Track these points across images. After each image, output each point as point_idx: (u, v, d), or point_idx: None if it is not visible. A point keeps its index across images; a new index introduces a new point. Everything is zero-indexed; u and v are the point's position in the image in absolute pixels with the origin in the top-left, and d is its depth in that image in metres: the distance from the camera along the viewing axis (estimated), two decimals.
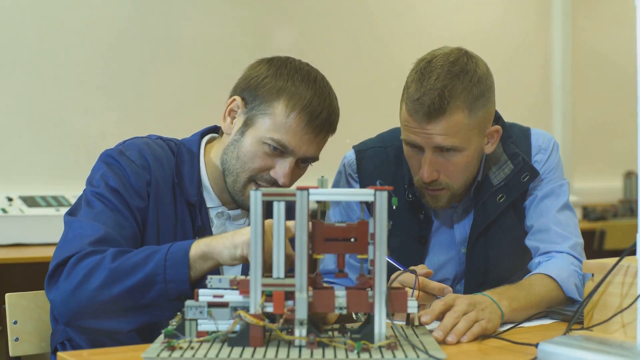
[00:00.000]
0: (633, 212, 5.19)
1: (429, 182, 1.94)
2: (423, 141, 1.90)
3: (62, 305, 1.57)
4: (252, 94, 1.79)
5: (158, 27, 3.90)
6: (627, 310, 1.48)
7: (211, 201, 1.84)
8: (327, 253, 1.36)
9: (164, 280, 1.52)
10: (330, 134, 1.81)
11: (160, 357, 1.26)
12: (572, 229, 2.05)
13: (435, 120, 1.87)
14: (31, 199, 3.36)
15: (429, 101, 1.85)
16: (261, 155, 1.76)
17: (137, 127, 3.75)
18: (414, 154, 1.96)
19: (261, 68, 1.81)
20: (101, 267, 1.54)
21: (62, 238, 1.67)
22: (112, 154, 1.75)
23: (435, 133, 1.88)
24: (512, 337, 1.51)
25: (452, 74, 1.88)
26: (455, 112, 1.87)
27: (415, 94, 1.87)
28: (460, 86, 1.88)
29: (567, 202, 2.08)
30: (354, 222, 1.36)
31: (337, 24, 4.50)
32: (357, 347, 1.29)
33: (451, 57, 1.92)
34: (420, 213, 2.06)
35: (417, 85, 1.88)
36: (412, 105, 1.88)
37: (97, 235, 1.61)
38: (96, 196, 1.69)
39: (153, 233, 1.73)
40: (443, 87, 1.86)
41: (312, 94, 1.75)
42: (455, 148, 1.91)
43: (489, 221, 2.05)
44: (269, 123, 1.75)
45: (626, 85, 3.26)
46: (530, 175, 2.05)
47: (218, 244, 1.53)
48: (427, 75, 1.88)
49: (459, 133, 1.89)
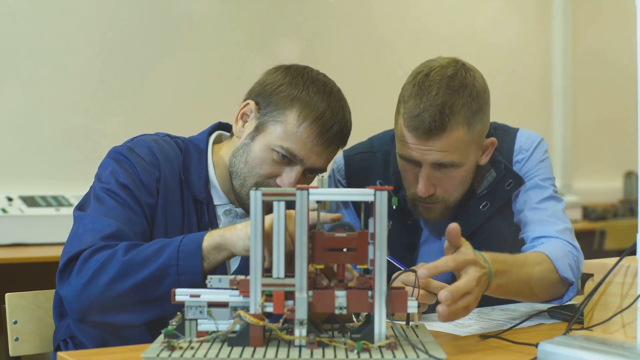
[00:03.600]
0: (633, 212, 5.18)
1: (424, 197, 1.92)
2: (421, 157, 1.87)
3: (74, 300, 1.57)
4: (266, 100, 1.78)
5: (158, 26, 3.90)
6: (627, 310, 1.48)
7: (219, 199, 1.84)
8: (327, 263, 1.35)
9: (177, 272, 1.52)
10: (341, 147, 1.80)
11: (160, 357, 1.26)
12: (559, 215, 2.01)
13: (435, 137, 1.83)
14: (31, 199, 3.36)
15: (430, 118, 1.82)
16: (269, 162, 1.76)
17: (137, 127, 3.73)
18: (409, 168, 1.93)
19: (278, 75, 1.81)
20: (113, 261, 1.54)
21: (72, 233, 1.66)
22: (122, 151, 1.76)
23: (434, 150, 1.85)
24: (512, 337, 1.51)
25: (452, 89, 1.84)
26: (456, 128, 1.84)
27: (415, 110, 1.83)
28: (460, 102, 1.85)
29: (552, 194, 2.04)
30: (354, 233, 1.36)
31: (337, 23, 4.50)
32: (357, 347, 1.29)
33: (449, 71, 1.87)
34: (409, 219, 2.04)
35: (415, 100, 1.84)
36: (410, 121, 1.84)
37: (109, 230, 1.61)
38: (106, 192, 1.69)
39: (161, 230, 1.73)
40: (443, 104, 1.82)
41: (325, 106, 1.75)
42: (454, 164, 1.88)
43: (473, 229, 2.02)
44: (280, 131, 1.75)
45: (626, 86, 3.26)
46: (514, 183, 2.02)
47: (232, 235, 1.53)
48: (426, 90, 1.84)
49: (458, 149, 1.87)
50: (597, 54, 5.65)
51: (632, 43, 1.46)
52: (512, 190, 2.02)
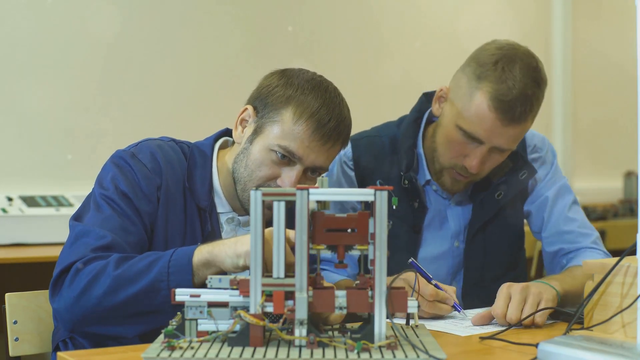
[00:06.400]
0: (633, 212, 5.18)
1: (468, 171, 1.97)
2: (489, 139, 1.92)
3: (66, 313, 1.58)
4: (262, 103, 1.79)
5: (158, 26, 3.90)
6: (627, 310, 1.48)
7: (222, 206, 1.83)
8: (327, 244, 1.35)
9: (167, 287, 1.53)
10: (340, 144, 1.79)
11: (160, 357, 1.26)
12: (587, 224, 2.12)
13: (515, 125, 1.90)
14: (31, 199, 3.36)
15: (521, 107, 1.88)
16: (268, 164, 1.75)
17: (137, 127, 3.76)
18: (466, 143, 1.96)
19: (273, 78, 1.81)
20: (105, 275, 1.55)
21: (66, 243, 1.67)
22: (124, 157, 1.75)
23: (507, 135, 1.91)
24: (512, 337, 1.51)
25: (537, 83, 1.91)
26: (530, 120, 1.93)
27: (507, 95, 1.87)
28: (541, 97, 1.93)
29: (574, 199, 2.14)
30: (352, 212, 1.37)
31: (337, 23, 4.50)
32: (357, 347, 1.29)
33: (533, 62, 1.93)
34: (415, 201, 2.06)
35: (507, 85, 1.88)
36: (499, 104, 1.88)
37: (102, 242, 1.61)
38: (105, 199, 1.69)
39: (161, 238, 1.73)
40: (532, 96, 1.89)
41: (320, 102, 1.74)
42: (510, 150, 1.97)
43: (488, 218, 2.07)
44: (277, 130, 1.74)
45: (626, 85, 3.26)
46: (528, 173, 2.07)
47: (220, 252, 1.53)
48: (518, 78, 1.88)
49: (519, 139, 1.96)
50: (597, 54, 5.64)
51: (632, 43, 1.46)
52: (527, 180, 2.09)
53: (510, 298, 1.67)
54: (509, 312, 1.65)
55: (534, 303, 1.66)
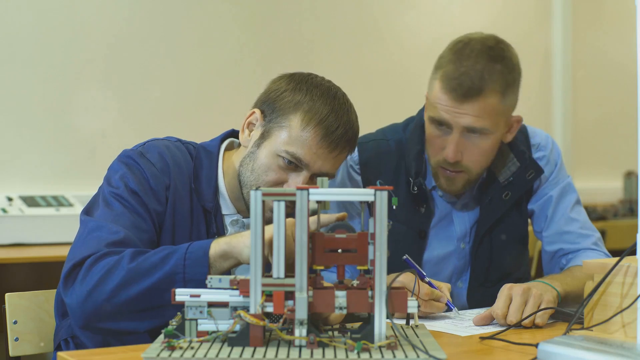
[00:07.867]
0: (633, 212, 5.18)
1: (451, 163, 1.96)
2: (454, 120, 1.93)
3: (78, 308, 1.56)
4: (270, 107, 1.78)
5: (159, 26, 3.90)
6: (627, 310, 1.48)
7: (227, 208, 1.83)
8: (327, 265, 1.35)
9: (183, 279, 1.52)
10: (347, 151, 1.78)
11: (160, 357, 1.26)
12: (589, 225, 2.12)
13: (471, 100, 1.90)
14: (31, 199, 3.36)
15: (468, 81, 1.89)
16: (275, 169, 1.75)
17: (137, 127, 3.76)
18: (439, 134, 1.98)
19: (282, 82, 1.80)
20: (119, 268, 1.54)
21: (78, 237, 1.66)
22: (133, 156, 1.75)
23: (468, 113, 1.91)
24: (512, 337, 1.51)
25: (491, 58, 1.93)
26: (491, 94, 1.91)
27: (454, 73, 1.90)
28: (498, 70, 1.92)
29: (577, 198, 2.14)
30: (353, 220, 1.37)
31: (337, 23, 4.50)
32: (357, 347, 1.29)
33: (489, 42, 1.96)
34: (422, 207, 2.07)
35: (455, 65, 1.92)
36: (448, 83, 1.91)
37: (115, 237, 1.60)
38: (115, 197, 1.69)
39: (168, 238, 1.73)
40: (482, 69, 1.90)
41: (329, 109, 1.74)
42: (484, 131, 1.94)
43: (495, 219, 2.07)
44: (285, 136, 1.74)
45: (626, 85, 3.26)
46: (535, 173, 2.08)
47: (238, 243, 1.53)
48: (466, 56, 1.92)
49: (490, 116, 1.93)
50: (597, 54, 5.64)
51: (633, 43, 1.46)
52: (533, 180, 2.09)
53: (511, 299, 1.66)
54: (510, 314, 1.65)
55: (534, 305, 1.66)
